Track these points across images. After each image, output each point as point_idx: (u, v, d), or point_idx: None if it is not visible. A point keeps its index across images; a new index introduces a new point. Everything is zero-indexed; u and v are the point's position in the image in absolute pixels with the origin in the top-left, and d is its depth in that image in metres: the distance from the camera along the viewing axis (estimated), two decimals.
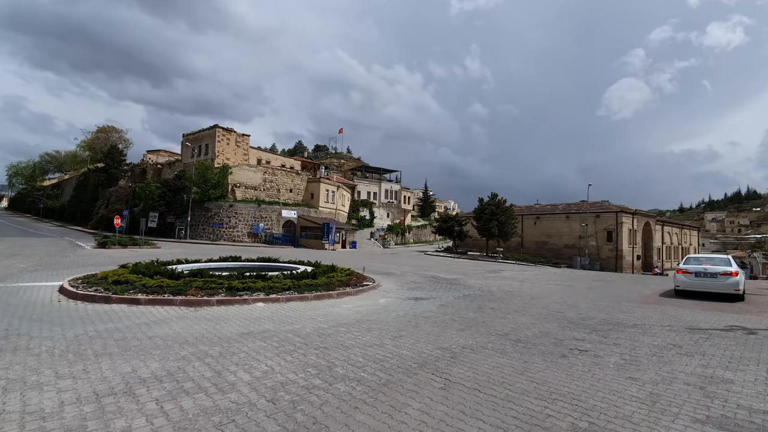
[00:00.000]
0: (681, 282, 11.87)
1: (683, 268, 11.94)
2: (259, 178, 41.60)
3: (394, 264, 23.12)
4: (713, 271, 11.38)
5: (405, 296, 10.77)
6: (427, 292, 11.87)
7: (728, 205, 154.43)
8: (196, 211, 37.97)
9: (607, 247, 39.63)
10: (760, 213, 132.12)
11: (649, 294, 13.02)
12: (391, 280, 14.51)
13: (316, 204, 45.53)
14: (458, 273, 18.98)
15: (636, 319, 8.25)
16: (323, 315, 7.71)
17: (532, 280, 16.91)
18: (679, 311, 9.43)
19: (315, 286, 10.42)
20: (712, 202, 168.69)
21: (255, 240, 37.92)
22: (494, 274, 18.97)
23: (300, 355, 5.08)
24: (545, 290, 13.26)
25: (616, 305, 10.28)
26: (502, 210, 39.32)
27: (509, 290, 12.85)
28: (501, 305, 9.69)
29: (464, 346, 5.79)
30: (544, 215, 45.45)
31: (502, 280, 16.42)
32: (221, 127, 43.45)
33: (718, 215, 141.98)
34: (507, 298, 10.91)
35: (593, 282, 17.09)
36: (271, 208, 39.80)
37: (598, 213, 40.44)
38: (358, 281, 12.41)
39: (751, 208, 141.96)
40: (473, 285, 14.05)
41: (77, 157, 74.36)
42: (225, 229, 37.11)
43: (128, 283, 9.50)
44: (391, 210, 71.46)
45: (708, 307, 10.13)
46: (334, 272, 12.78)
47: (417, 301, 10.07)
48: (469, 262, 30.55)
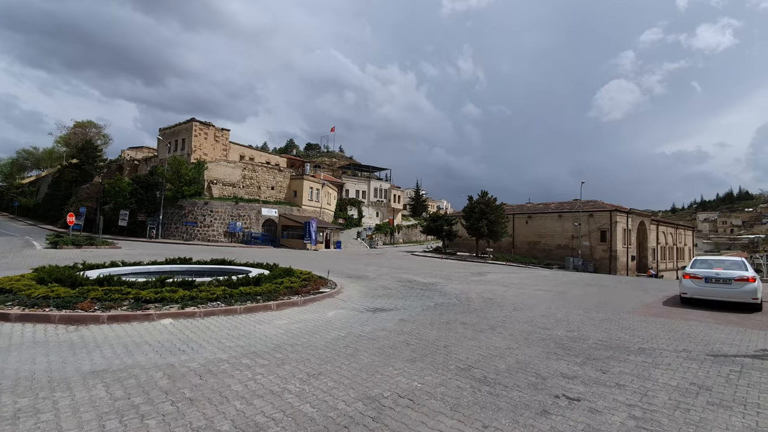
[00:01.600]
0: (688, 288, 10.19)
1: (691, 273, 10.26)
2: (238, 174, 39.58)
3: (373, 266, 21.31)
4: (727, 276, 9.71)
5: (364, 307, 8.96)
6: (393, 300, 10.08)
7: (720, 206, 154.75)
8: (169, 208, 35.86)
9: (601, 248, 38.17)
10: (752, 213, 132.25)
11: (651, 302, 11.34)
12: (358, 286, 12.72)
13: (299, 202, 43.58)
14: (439, 276, 17.22)
15: (641, 340, 6.51)
16: (239, 336, 5.89)
17: (519, 284, 15.19)
18: (691, 326, 7.72)
19: (252, 295, 8.59)
20: (704, 203, 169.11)
21: (232, 240, 35.90)
22: (478, 278, 17.23)
23: (133, 420, 3.24)
24: (532, 298, 11.52)
25: (614, 318, 8.55)
26: (492, 209, 37.69)
27: (490, 298, 11.09)
28: (475, 319, 7.92)
29: (403, 391, 4.00)
30: (536, 214, 43.92)
31: (485, 284, 14.68)
32: (198, 120, 41.36)
33: (710, 216, 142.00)
34: (485, 309, 9.15)
35: (587, 287, 15.42)
36: (250, 206, 37.79)
37: (591, 212, 38.97)
38: (315, 288, 10.61)
39: (743, 208, 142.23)
40: (451, 291, 12.29)
41: (54, 153, 71.65)
42: (199, 228, 35.05)
43: (11, 292, 7.60)
44: (380, 209, 69.69)
45: (723, 320, 8.44)
46: (288, 277, 10.95)
47: (375, 313, 8.26)
48: (456, 264, 28.84)
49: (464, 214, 40.65)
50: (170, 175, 35.88)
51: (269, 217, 39.17)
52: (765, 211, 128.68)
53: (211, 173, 37.68)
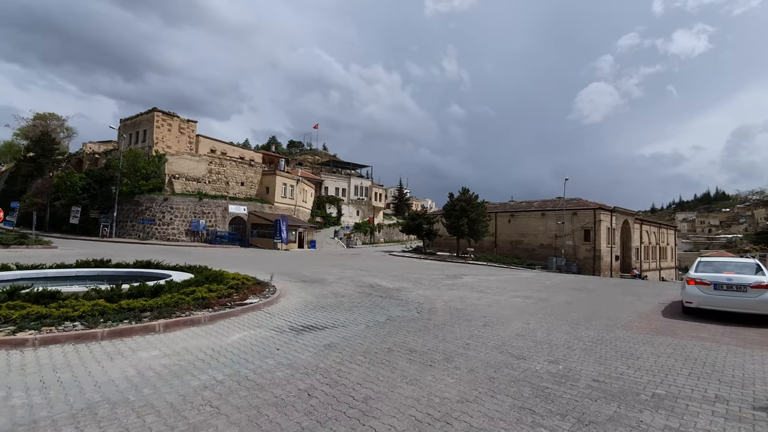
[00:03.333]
0: (694, 297, 8.43)
1: (697, 278, 8.50)
2: (203, 168, 36.91)
3: (339, 267, 19.23)
4: (741, 282, 7.98)
5: (291, 324, 6.90)
6: (337, 313, 8.04)
7: (698, 206, 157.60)
8: (125, 205, 33.04)
9: (585, 247, 36.90)
10: (729, 213, 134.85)
11: (648, 311, 9.57)
12: (305, 293, 10.65)
13: (271, 199, 41.13)
14: (409, 279, 15.26)
15: (652, 377, 4.63)
16: (50, 386, 3.76)
17: (496, 289, 13.33)
18: (709, 351, 5.89)
19: (138, 310, 6.43)
20: (682, 203, 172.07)
21: (194, 239, 33.29)
22: (452, 282, 15.33)
23: None
24: (509, 307, 9.62)
25: (609, 337, 6.69)
26: (473, 206, 36.00)
27: (459, 308, 9.15)
28: (430, 343, 5.93)
29: None
30: (519, 213, 42.49)
31: (458, 289, 12.76)
32: (161, 110, 38.51)
33: (688, 216, 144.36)
34: (448, 326, 7.18)
35: (572, 292, 13.66)
36: (216, 202, 35.22)
37: (575, 210, 37.68)
38: (241, 298, 8.51)
39: (720, 208, 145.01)
40: (414, 299, 10.31)
41: (14, 147, 67.18)
42: (158, 226, 32.32)
43: None
44: (361, 207, 67.65)
45: (744, 339, 6.66)
46: (209, 284, 8.80)
47: (299, 334, 6.21)
48: (433, 265, 26.97)
49: (444, 212, 38.90)
50: (126, 169, 33.06)
51: (237, 214, 36.64)
52: (742, 212, 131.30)
53: (172, 167, 34.94)
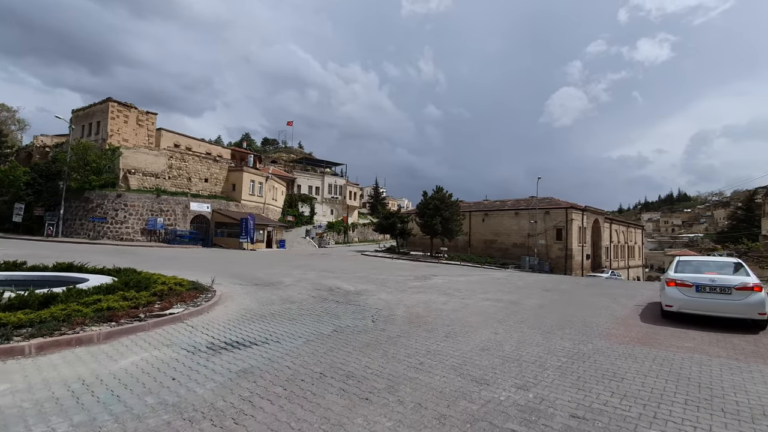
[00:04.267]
0: (674, 300, 7.70)
1: (677, 279, 7.78)
2: (162, 163, 34.60)
3: (302, 269, 17.94)
4: (725, 283, 7.29)
5: (215, 339, 5.68)
6: (277, 324, 6.86)
7: (662, 207, 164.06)
8: (73, 202, 30.47)
9: (557, 246, 36.90)
10: (690, 214, 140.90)
11: (625, 315, 8.83)
12: (250, 299, 9.39)
13: (237, 197, 39.15)
14: (374, 281, 14.17)
15: (642, 409, 3.70)
16: None
17: (465, 292, 12.41)
18: (701, 366, 5.05)
19: (8, 327, 5.04)
20: (647, 204, 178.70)
21: (151, 238, 31.07)
22: (420, 283, 14.34)
23: None
24: (476, 313, 8.66)
25: (586, 350, 5.79)
26: (447, 205, 35.33)
27: (421, 315, 8.11)
28: (376, 363, 4.84)
29: None
30: (493, 212, 42.22)
31: (424, 292, 11.76)
32: (116, 101, 35.90)
33: (653, 216, 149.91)
34: (402, 339, 6.12)
35: (544, 294, 12.92)
36: (176, 199, 33.05)
37: (547, 209, 37.64)
38: (164, 306, 7.19)
39: (682, 209, 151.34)
40: (373, 305, 9.22)
41: None
42: (110, 224, 29.94)
43: None
44: (335, 206, 66.15)
45: (735, 349, 5.91)
46: (125, 291, 7.42)
47: (215, 355, 5.01)
48: (405, 265, 26.01)
49: (418, 211, 38.10)
50: (75, 163, 30.48)
51: (200, 212, 34.58)
52: (702, 212, 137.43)
53: (128, 161, 32.53)
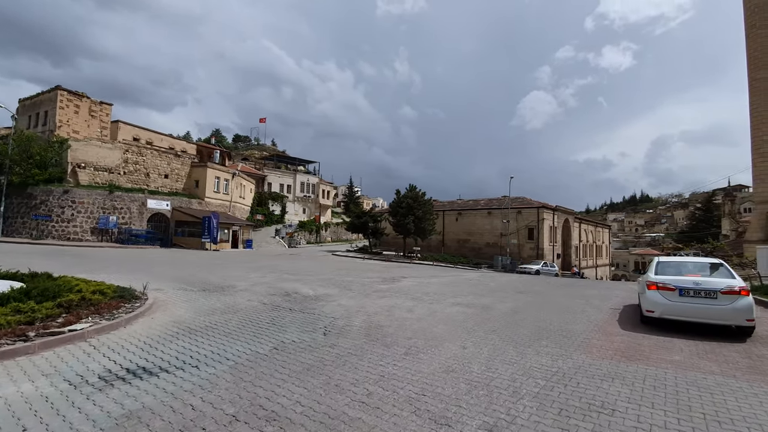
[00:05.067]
0: (656, 305, 7.06)
1: (659, 282, 7.15)
2: (117, 157, 32.19)
3: (263, 270, 16.67)
4: (710, 286, 6.70)
5: (116, 365, 4.54)
6: (205, 341, 5.73)
7: (626, 207, 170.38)
8: (15, 198, 27.79)
9: (529, 246, 36.95)
10: (652, 214, 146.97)
11: (603, 321, 8.18)
12: (189, 306, 8.16)
13: (201, 194, 37.08)
14: (338, 284, 13.12)
15: None
16: None
17: (434, 295, 11.56)
18: (701, 393, 4.33)
19: None
20: (612, 205, 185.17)
21: (102, 238, 28.76)
22: (388, 286, 13.41)
23: None
24: (444, 321, 7.78)
25: (566, 369, 4.99)
26: (420, 204, 34.63)
27: (382, 325, 7.15)
28: (310, 397, 3.84)
29: None
30: (466, 211, 41.94)
31: (390, 296, 10.82)
32: (66, 89, 33.17)
33: (618, 216, 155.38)
34: (354, 357, 5.13)
35: (518, 296, 12.25)
36: (131, 196, 30.79)
37: (519, 209, 37.65)
38: (69, 320, 5.96)
39: (645, 209, 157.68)
40: (330, 312, 8.19)
41: None
42: (55, 223, 27.46)
43: None
44: (307, 205, 64.48)
45: (730, 365, 5.26)
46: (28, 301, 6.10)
47: (103, 389, 3.87)
48: (375, 265, 25.06)
49: (391, 209, 37.26)
50: (17, 155, 27.80)
51: (158, 210, 32.40)
52: (663, 213, 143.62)
53: (77, 154, 30.01)
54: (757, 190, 26.77)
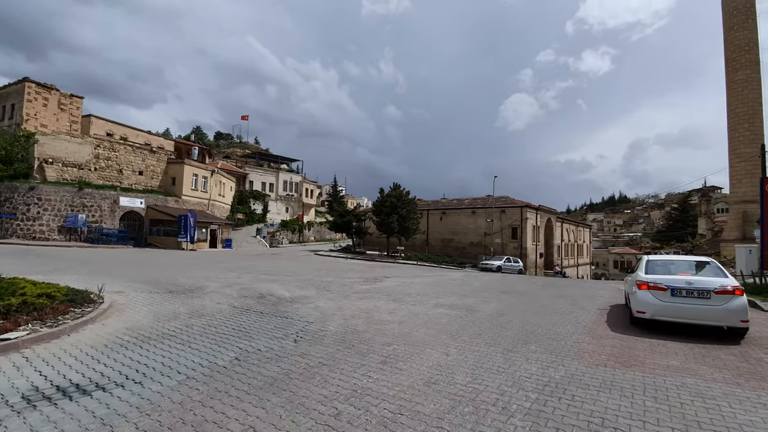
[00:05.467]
0: (648, 305, 6.74)
1: (650, 281, 6.83)
2: (87, 152, 30.71)
3: (239, 271, 15.93)
4: (703, 286, 6.41)
5: (48, 382, 3.89)
6: (157, 352, 5.11)
7: (605, 208, 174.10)
8: None
9: (512, 245, 36.96)
10: (630, 214, 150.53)
11: (591, 322, 7.84)
12: (150, 310, 7.48)
13: (178, 192, 35.78)
14: (317, 285, 12.53)
15: None
16: None
17: (417, 296, 11.10)
18: (707, 403, 3.95)
19: None
20: (592, 205, 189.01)
21: (71, 237, 27.35)
22: (369, 287, 12.88)
23: None
24: (426, 326, 7.31)
25: (559, 379, 4.57)
26: (404, 203, 34.22)
27: (359, 330, 6.62)
28: (267, 421, 3.28)
29: None
30: (450, 210, 41.74)
31: (370, 298, 10.29)
32: (34, 81, 31.50)
33: (597, 216, 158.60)
34: (325, 368, 4.59)
35: (502, 296, 11.90)
36: (102, 193, 29.40)
37: (503, 208, 37.64)
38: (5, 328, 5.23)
39: (623, 210, 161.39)
40: (306, 316, 7.61)
41: None
42: (20, 221, 25.93)
43: None
44: (290, 204, 63.35)
45: (730, 370, 4.93)
46: None
47: (22, 413, 3.22)
48: (358, 265, 24.50)
49: (374, 208, 36.73)
50: None
51: (132, 208, 31.06)
52: (640, 213, 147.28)
53: (45, 149, 28.46)
54: (733, 190, 27.30)
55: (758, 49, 25.78)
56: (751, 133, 26.21)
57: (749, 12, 25.80)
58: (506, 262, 29.56)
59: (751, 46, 25.89)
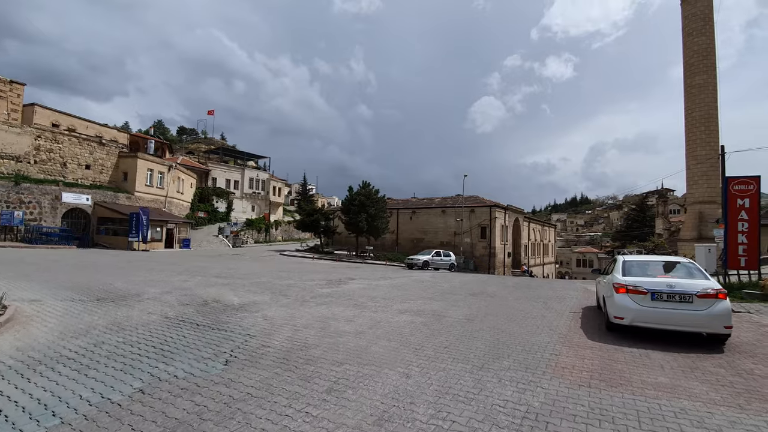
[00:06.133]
0: (627, 310, 6.19)
1: (629, 284, 6.30)
2: (26, 143, 27.88)
3: (188, 274, 14.56)
4: (685, 289, 5.92)
5: None
6: (39, 382, 3.96)
7: (568, 209, 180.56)
8: None
9: (481, 245, 36.94)
10: (591, 215, 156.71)
11: (567, 328, 7.27)
12: (61, 322, 6.26)
13: (130, 188, 33.31)
14: (274, 289, 11.45)
15: None
16: None
17: (382, 301, 10.27)
18: None
19: None
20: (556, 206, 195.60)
21: (6, 236, 24.65)
22: (331, 290, 11.92)
23: None
24: (387, 337, 6.47)
25: (537, 405, 3.83)
26: (373, 201, 33.38)
27: (309, 344, 5.68)
28: None
29: None
30: (420, 209, 41.28)
31: (330, 303, 9.36)
32: None
33: (561, 216, 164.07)
34: (252, 402, 3.64)
35: (472, 300, 11.27)
36: (42, 188, 26.76)
37: (472, 207, 37.54)
38: None
39: (584, 210, 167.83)
40: (250, 328, 6.59)
41: None
42: None
43: None
44: (257, 202, 61.07)
45: (726, 388, 4.38)
46: None
47: None
48: (324, 266, 23.43)
49: (343, 207, 35.68)
50: None
51: (76, 205, 28.52)
52: (600, 214, 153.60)
53: None
54: (690, 191, 28.23)
55: (715, 54, 26.77)
56: (707, 136, 27.19)
57: (707, 18, 26.75)
58: (435, 257, 26.89)
59: (708, 52, 26.83)
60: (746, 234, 12.04)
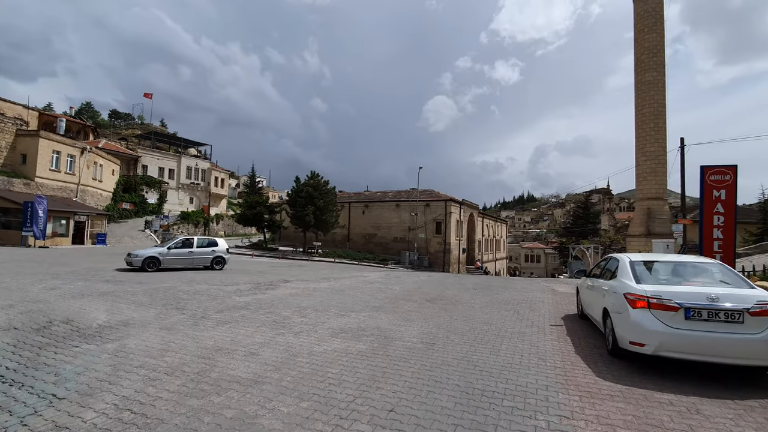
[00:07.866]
0: (651, 334, 4.28)
1: (653, 294, 4.42)
2: None
3: (65, 278, 11.24)
4: (734, 305, 4.12)
5: None
6: None
7: (516, 206, 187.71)
8: None
9: (436, 240, 35.50)
10: (537, 212, 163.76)
11: (561, 354, 5.31)
12: None
13: (29, 172, 27.99)
14: (170, 300, 8.63)
15: None
16: None
17: (313, 314, 7.87)
18: None
19: None
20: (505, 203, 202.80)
21: None
22: (251, 298, 9.30)
23: None
24: (296, 387, 4.11)
25: None
26: (322, 193, 30.67)
27: (149, 421, 3.20)
28: None
29: None
30: (374, 203, 39.08)
31: (238, 321, 6.79)
32: None
33: (509, 213, 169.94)
34: None
35: (428, 309, 9.19)
36: None
37: (428, 201, 35.96)
38: None
39: (531, 208, 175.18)
40: (74, 377, 3.92)
41: None
42: None
43: None
44: (195, 194, 55.78)
45: None
46: None
47: None
48: (259, 265, 20.51)
49: (289, 199, 32.61)
50: None
51: None
52: (545, 211, 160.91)
53: None
54: (639, 187, 28.40)
55: (664, 52, 26.96)
56: (656, 133, 27.43)
57: (658, 16, 26.86)
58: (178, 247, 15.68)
59: (658, 49, 27.00)
60: (722, 228, 11.04)
